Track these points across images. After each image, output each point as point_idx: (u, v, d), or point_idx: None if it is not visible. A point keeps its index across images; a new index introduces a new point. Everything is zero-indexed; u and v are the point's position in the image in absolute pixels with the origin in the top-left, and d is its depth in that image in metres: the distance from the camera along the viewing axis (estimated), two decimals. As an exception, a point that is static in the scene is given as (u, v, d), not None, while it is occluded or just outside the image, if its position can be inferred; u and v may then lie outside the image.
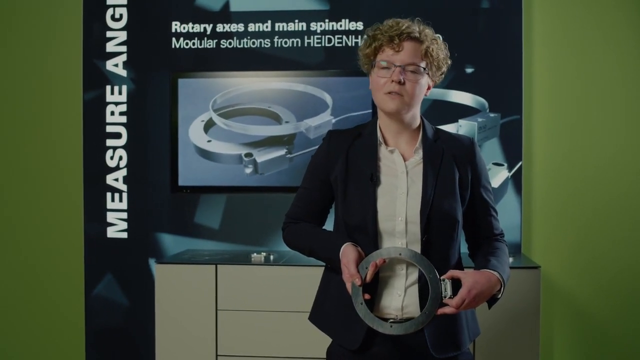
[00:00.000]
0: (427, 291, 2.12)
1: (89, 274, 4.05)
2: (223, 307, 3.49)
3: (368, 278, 2.09)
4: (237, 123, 3.71)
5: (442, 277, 2.10)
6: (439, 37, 2.25)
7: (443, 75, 2.28)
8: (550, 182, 3.83)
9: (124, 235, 4.03)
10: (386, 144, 2.27)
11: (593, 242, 3.81)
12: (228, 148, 3.74)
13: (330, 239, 2.25)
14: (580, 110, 3.82)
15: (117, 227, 4.03)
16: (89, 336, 4.05)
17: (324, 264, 2.35)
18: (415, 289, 2.18)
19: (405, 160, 2.24)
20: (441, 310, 2.08)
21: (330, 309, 2.30)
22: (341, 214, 2.24)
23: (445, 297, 2.08)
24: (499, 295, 2.16)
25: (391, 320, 2.16)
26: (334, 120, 3.67)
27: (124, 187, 4.02)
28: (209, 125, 3.75)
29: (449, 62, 2.27)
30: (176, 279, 3.52)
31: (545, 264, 3.77)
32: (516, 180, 3.79)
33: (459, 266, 2.27)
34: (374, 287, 2.18)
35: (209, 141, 3.73)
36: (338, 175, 2.25)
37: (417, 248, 2.16)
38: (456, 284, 2.09)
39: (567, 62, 3.83)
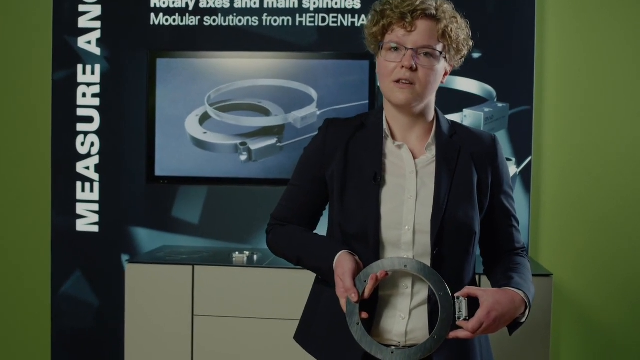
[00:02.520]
0: (437, 314, 1.81)
1: (56, 271, 3.78)
2: (200, 313, 3.19)
3: (366, 294, 1.79)
4: (230, 115, 3.56)
5: (456, 295, 1.80)
6: (459, 14, 1.92)
7: (463, 59, 1.98)
8: (562, 179, 3.58)
9: (95, 229, 3.77)
10: (393, 137, 1.96)
11: (606, 244, 3.57)
12: (223, 139, 3.58)
13: (322, 246, 1.94)
14: (595, 102, 3.56)
15: (87, 220, 3.76)
16: (56, 338, 3.79)
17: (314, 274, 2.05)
18: (422, 312, 1.88)
19: (415, 158, 1.93)
20: (453, 334, 1.78)
21: (319, 328, 2.00)
22: (337, 218, 1.93)
23: (459, 318, 1.78)
24: (523, 319, 1.86)
25: (393, 347, 1.86)
26: (318, 112, 3.52)
27: (95, 176, 3.75)
28: (203, 119, 3.57)
29: (471, 44, 1.96)
30: (149, 280, 3.22)
31: (555, 268, 3.50)
32: (525, 176, 3.53)
33: (474, 285, 1.96)
34: (373, 306, 1.88)
35: (204, 133, 3.58)
36: (335, 172, 1.94)
37: (427, 263, 1.86)
38: (473, 304, 1.79)
39: (582, 51, 3.56)
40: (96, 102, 3.73)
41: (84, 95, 3.74)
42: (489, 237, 2.00)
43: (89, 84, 3.73)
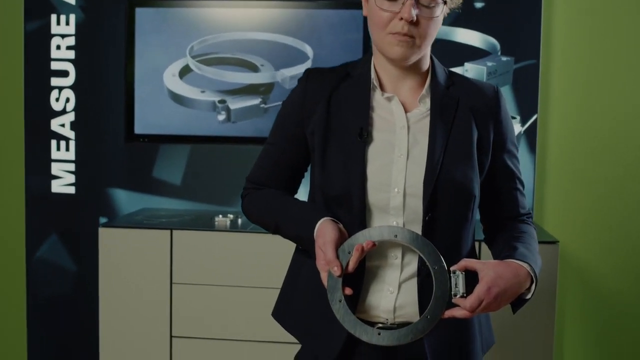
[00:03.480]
0: (429, 288, 1.61)
1: (30, 235, 3.58)
2: (179, 280, 2.98)
3: (350, 267, 1.57)
4: (212, 69, 3.34)
5: (452, 269, 1.58)
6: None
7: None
8: (569, 139, 3.35)
9: (71, 190, 3.56)
10: (382, 89, 1.73)
11: (615, 209, 3.35)
12: (202, 95, 3.36)
13: (303, 212, 1.73)
14: (606, 56, 3.32)
15: (63, 181, 3.55)
16: (31, 305, 3.60)
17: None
18: (413, 285, 1.67)
19: (406, 112, 1.70)
20: (449, 313, 1.57)
21: (299, 305, 1.80)
22: (318, 180, 1.71)
23: (455, 295, 1.57)
24: (529, 296, 1.64)
25: (380, 325, 1.65)
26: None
27: (71, 134, 3.53)
28: (184, 72, 3.35)
29: None
30: (124, 245, 3.01)
31: (561, 235, 3.29)
32: (530, 136, 3.30)
33: (473, 256, 1.74)
34: (359, 280, 1.67)
35: (185, 87, 3.36)
36: (316, 128, 1.71)
37: (418, 230, 1.64)
38: (471, 279, 1.58)
39: (594, 0, 3.31)
40: (71, 54, 3.50)
41: (58, 47, 3.50)
42: (490, 201, 1.78)
43: (63, 36, 3.49)
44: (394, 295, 1.66)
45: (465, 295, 1.56)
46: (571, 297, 3.36)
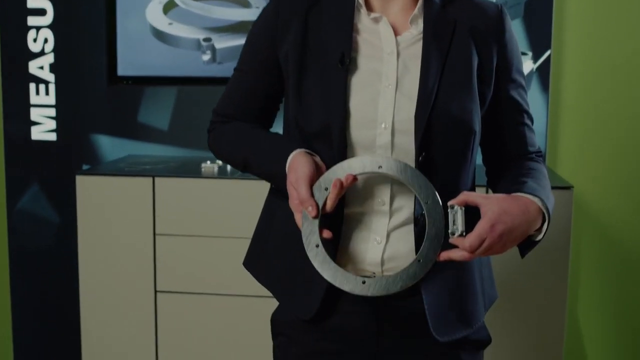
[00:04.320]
0: (421, 239, 1.39)
1: (11, 185, 3.40)
2: (163, 231, 2.77)
3: (328, 206, 1.36)
4: (199, 3, 3.09)
5: (449, 204, 1.37)
6: None
7: None
8: (585, 77, 3.10)
9: (52, 137, 3.35)
10: (369, 8, 1.49)
11: (633, 152, 3.12)
12: (189, 32, 3.12)
13: (274, 145, 1.51)
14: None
15: (43, 127, 3.34)
16: (13, 258, 3.43)
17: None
18: (406, 234, 1.46)
19: (396, 35, 1.47)
20: (445, 255, 1.36)
21: (273, 253, 1.58)
22: (293, 113, 1.49)
23: (453, 234, 1.36)
24: (540, 237, 1.42)
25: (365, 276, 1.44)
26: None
27: (50, 77, 3.31)
28: (169, 7, 3.12)
29: None
30: (104, 194, 2.80)
31: (575, 180, 3.07)
32: (542, 73, 3.06)
33: None
34: (339, 224, 1.45)
35: (170, 24, 3.12)
36: (290, 50, 1.48)
37: None
38: (472, 216, 1.36)
39: None
40: (49, -10, 3.28)
41: (34, -17, 3.27)
42: (493, 139, 1.55)
43: (39, -30, 3.26)
44: (381, 246, 1.45)
45: (464, 233, 1.34)
46: (586, 247, 3.14)
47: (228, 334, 2.78)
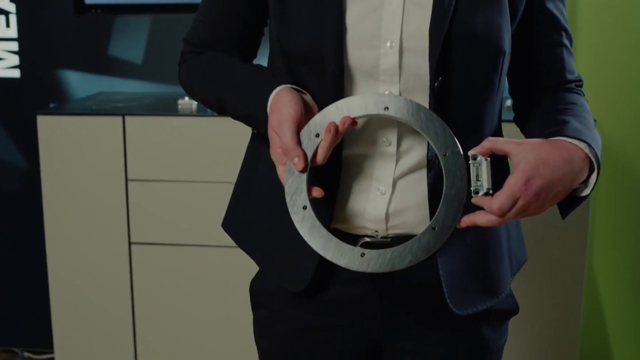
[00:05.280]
0: (440, 186, 1.09)
1: (-28, 127, 3.13)
2: (135, 177, 2.49)
3: (320, 157, 1.08)
4: None
5: (471, 153, 1.07)
6: None
7: None
8: (599, 53, 2.83)
9: (16, 73, 3.07)
10: None
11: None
12: None
13: (253, 79, 1.22)
14: None
15: (5, 63, 3.06)
16: (-22, 207, 3.18)
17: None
18: (417, 182, 1.17)
19: None
20: (468, 219, 1.08)
21: (255, 214, 1.29)
22: (275, 32, 1.19)
23: (477, 193, 1.06)
24: (587, 191, 1.13)
25: (365, 240, 1.15)
26: None
27: (11, 7, 3.01)
28: None
29: None
30: (69, 136, 2.51)
31: (594, 112, 2.79)
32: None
33: (499, 136, 1.23)
34: (334, 177, 1.16)
35: None
36: None
37: (423, 103, 1.12)
38: (500, 168, 1.09)
39: None
40: None
41: None
42: (523, 62, 1.25)
43: None
44: (385, 197, 1.16)
45: (491, 192, 1.05)
46: (604, 184, 2.89)
47: (209, 289, 2.52)
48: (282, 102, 1.09)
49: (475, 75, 1.14)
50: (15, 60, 3.03)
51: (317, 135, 1.07)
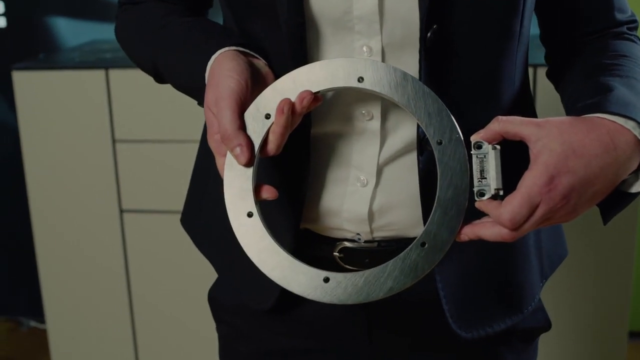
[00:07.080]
0: (434, 176, 0.79)
1: (-41, 82, 2.91)
2: (123, 137, 2.23)
3: (271, 146, 0.80)
4: None
5: (474, 140, 0.77)
6: None
7: None
8: None
9: (1, 22, 2.85)
10: None
11: None
12: None
13: (192, 39, 0.92)
14: None
15: None
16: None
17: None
18: (407, 168, 0.88)
19: None
20: (470, 232, 0.78)
21: (212, 212, 1.03)
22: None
23: (482, 194, 0.76)
24: (637, 187, 0.80)
25: (344, 246, 0.90)
26: None
27: None
28: None
29: None
30: (48, 93, 2.26)
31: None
32: None
33: (525, 107, 0.93)
34: (300, 164, 0.89)
35: None
36: None
37: (412, 63, 0.82)
38: (516, 159, 0.77)
39: None
40: None
41: None
42: (557, 3, 0.94)
43: None
44: (368, 190, 0.88)
45: (502, 193, 0.76)
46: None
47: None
48: (220, 71, 0.81)
49: (484, 19, 0.83)
50: (1, 7, 2.81)
51: (268, 117, 0.79)
